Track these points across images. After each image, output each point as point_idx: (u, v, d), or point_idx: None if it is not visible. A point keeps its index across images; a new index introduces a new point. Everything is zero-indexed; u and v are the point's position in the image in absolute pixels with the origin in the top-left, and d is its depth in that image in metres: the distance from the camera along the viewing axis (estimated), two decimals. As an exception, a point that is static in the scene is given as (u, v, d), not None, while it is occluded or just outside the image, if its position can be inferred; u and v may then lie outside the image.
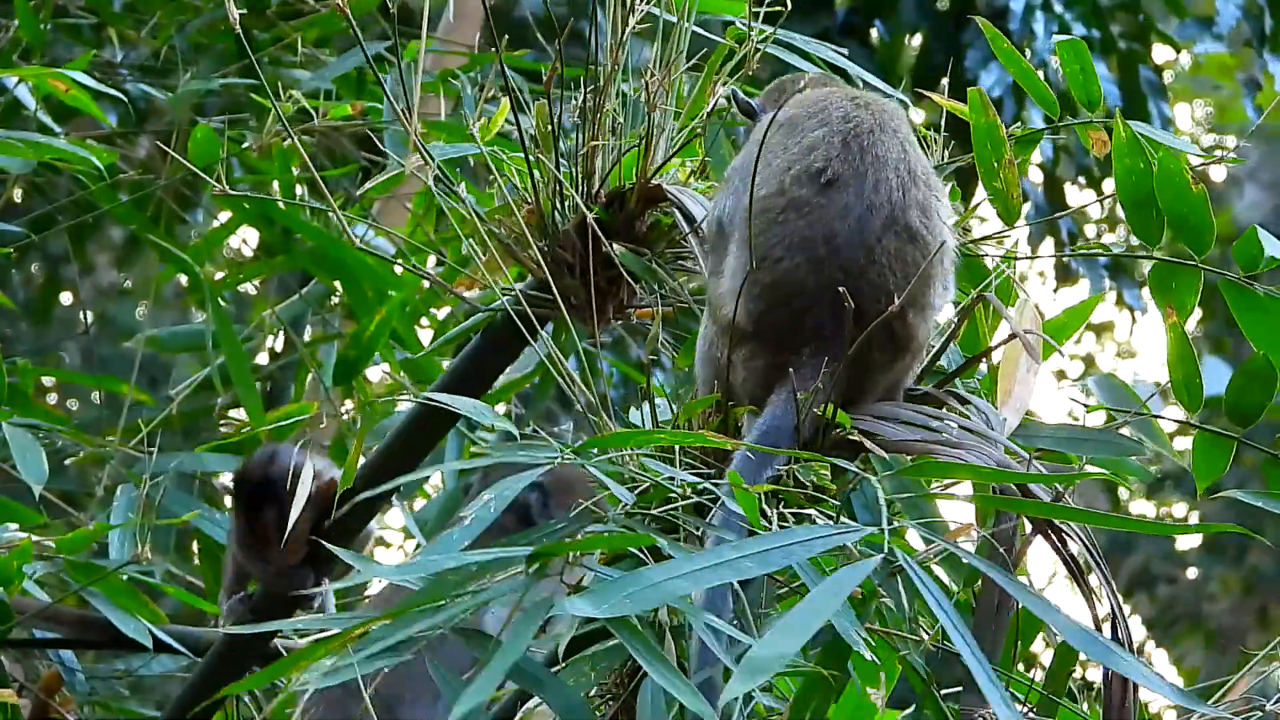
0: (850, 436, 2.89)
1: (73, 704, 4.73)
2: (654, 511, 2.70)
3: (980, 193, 3.41)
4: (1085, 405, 3.33)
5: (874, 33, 8.47)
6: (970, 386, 3.21)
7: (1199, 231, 3.29)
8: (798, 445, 2.85)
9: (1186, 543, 13.94)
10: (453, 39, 6.05)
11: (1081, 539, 2.77)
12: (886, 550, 2.38)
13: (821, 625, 2.21)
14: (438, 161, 3.45)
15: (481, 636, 2.52)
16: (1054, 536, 2.80)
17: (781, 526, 2.70)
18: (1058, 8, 8.20)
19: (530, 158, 3.41)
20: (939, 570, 3.12)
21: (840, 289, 2.86)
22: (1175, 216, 3.28)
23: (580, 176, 3.45)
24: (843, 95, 3.12)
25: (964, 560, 2.52)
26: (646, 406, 3.12)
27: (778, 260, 2.94)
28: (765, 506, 2.70)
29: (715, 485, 2.64)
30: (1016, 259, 3.46)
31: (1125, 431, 3.27)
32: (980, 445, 2.86)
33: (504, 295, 3.52)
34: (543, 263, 3.35)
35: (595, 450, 2.72)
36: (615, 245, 3.39)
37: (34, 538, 4.22)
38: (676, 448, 2.86)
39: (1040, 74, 3.81)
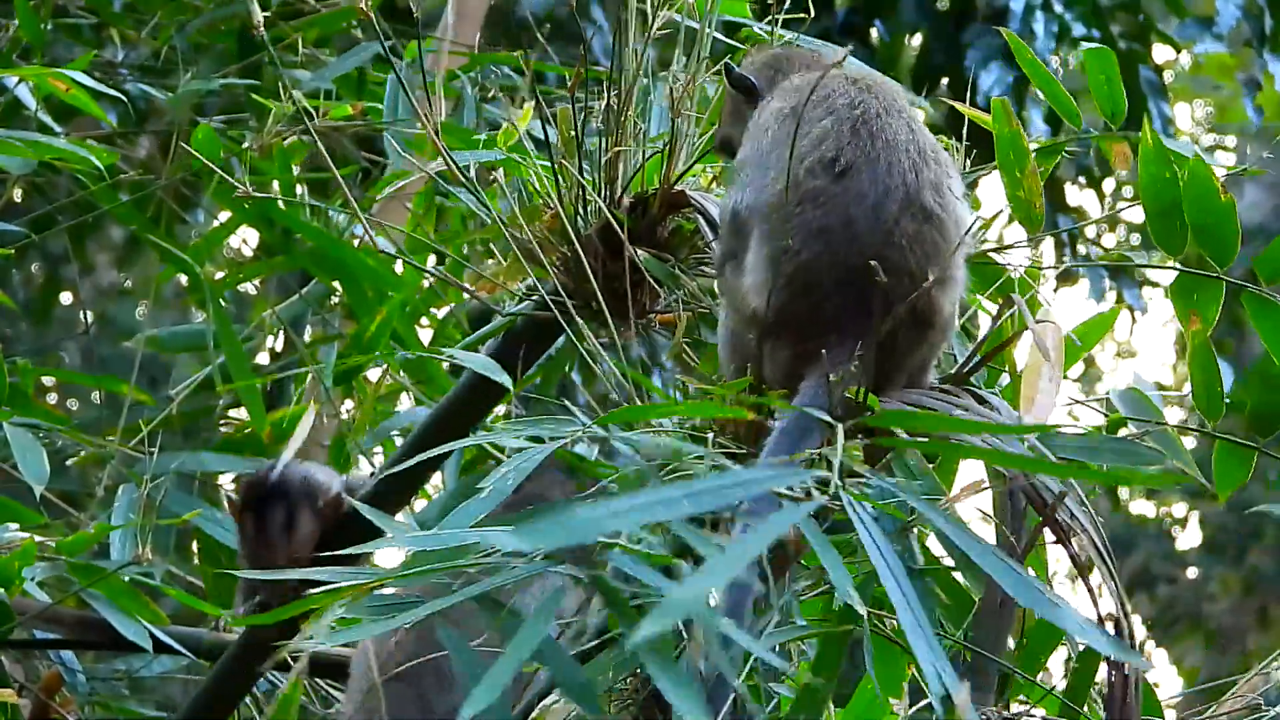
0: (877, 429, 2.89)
1: (73, 704, 4.73)
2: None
3: (989, 202, 3.41)
4: (1107, 417, 3.31)
5: (874, 33, 8.47)
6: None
7: (1224, 241, 3.28)
8: (829, 431, 2.81)
9: (1186, 543, 13.94)
10: (453, 39, 6.04)
11: (1091, 535, 2.78)
12: (831, 491, 2.34)
13: (750, 561, 2.13)
14: (460, 166, 3.46)
15: (502, 608, 2.48)
16: (1061, 532, 2.80)
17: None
18: (1058, 8, 8.19)
19: (554, 163, 3.42)
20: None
21: (871, 262, 2.86)
22: (1200, 226, 3.28)
23: (603, 182, 3.46)
24: (844, 79, 3.12)
25: (954, 543, 2.47)
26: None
27: (796, 252, 2.95)
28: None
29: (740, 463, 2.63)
30: (1042, 268, 3.46)
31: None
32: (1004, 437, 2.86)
33: (524, 300, 3.53)
34: (567, 267, 3.36)
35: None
36: (638, 250, 3.40)
37: (35, 538, 4.22)
38: (710, 432, 2.85)
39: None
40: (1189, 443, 3.34)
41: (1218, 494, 3.32)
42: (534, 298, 3.57)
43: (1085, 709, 3.12)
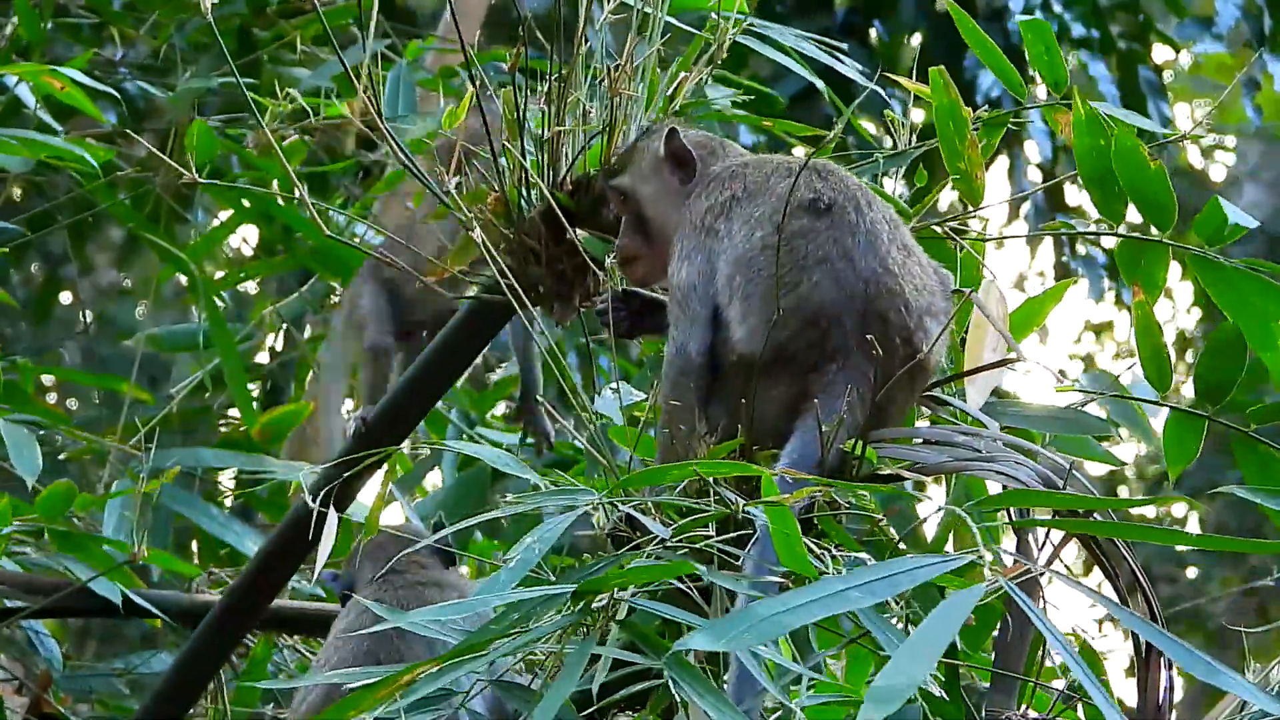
0: (882, 471, 2.91)
1: (69, 701, 4.74)
2: (692, 545, 2.70)
3: (988, 189, 3.40)
4: (1057, 388, 3.31)
5: (873, 32, 8.47)
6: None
7: (1160, 207, 3.26)
8: (823, 473, 2.87)
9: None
10: (452, 38, 6.04)
11: (1124, 554, 2.80)
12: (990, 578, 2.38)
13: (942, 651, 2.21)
14: (407, 150, 3.46)
15: (521, 688, 2.59)
16: (1096, 546, 2.81)
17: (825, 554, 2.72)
18: (1057, 7, 8.20)
19: (497, 145, 3.41)
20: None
21: (869, 338, 2.89)
22: (1136, 193, 3.26)
23: (546, 164, 3.45)
24: (773, 159, 3.16)
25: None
26: (609, 393, 3.15)
27: (795, 285, 2.96)
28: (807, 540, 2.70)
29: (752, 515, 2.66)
30: (985, 240, 3.45)
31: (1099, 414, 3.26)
32: (1011, 456, 2.87)
33: (472, 284, 3.53)
34: (511, 250, 3.36)
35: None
36: (579, 232, 3.39)
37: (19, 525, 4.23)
38: (711, 482, 2.86)
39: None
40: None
41: (1169, 467, 3.30)
42: (481, 280, 3.58)
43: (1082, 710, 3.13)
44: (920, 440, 2.98)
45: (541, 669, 2.76)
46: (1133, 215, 3.35)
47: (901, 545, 3.03)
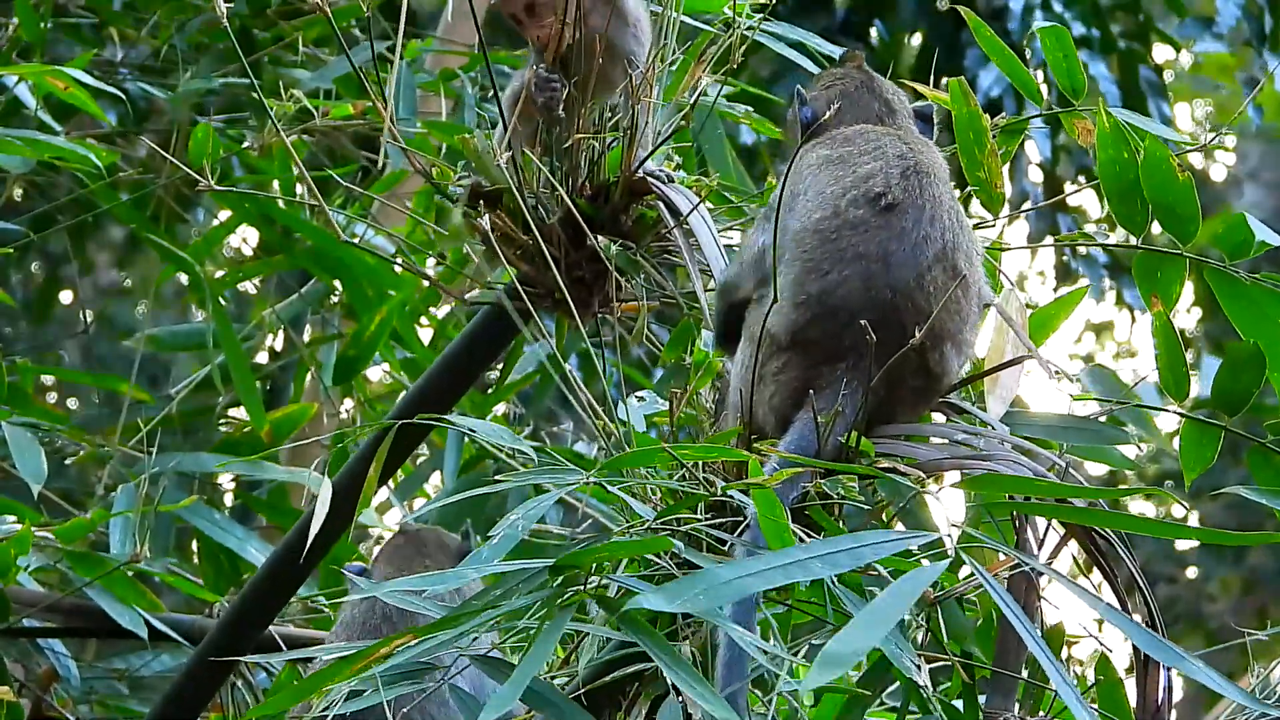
0: (879, 464, 2.91)
1: (70, 703, 4.73)
2: (679, 528, 2.70)
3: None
4: (1072, 396, 3.30)
5: (874, 32, 8.47)
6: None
7: (1184, 219, 3.24)
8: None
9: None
10: (452, 39, 6.05)
11: (1123, 553, 2.80)
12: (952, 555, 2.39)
13: (891, 626, 2.22)
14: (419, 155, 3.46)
15: (500, 662, 2.57)
16: (1093, 545, 2.81)
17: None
18: (1057, 7, 8.20)
19: (517, 152, 3.41)
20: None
21: (863, 322, 2.89)
22: (1160, 205, 3.24)
23: (565, 169, 3.45)
24: (895, 136, 3.14)
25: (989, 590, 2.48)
26: (634, 401, 3.15)
27: (825, 273, 2.97)
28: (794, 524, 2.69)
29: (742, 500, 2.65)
30: (1003, 249, 3.45)
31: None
32: (1009, 455, 2.87)
33: (486, 289, 3.53)
34: (529, 256, 3.36)
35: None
36: (599, 238, 3.39)
37: (32, 528, 4.23)
38: (701, 465, 2.85)
39: (1040, 74, 3.79)
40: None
41: (1184, 472, 3.29)
42: (497, 287, 3.59)
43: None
44: (920, 436, 2.98)
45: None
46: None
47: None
